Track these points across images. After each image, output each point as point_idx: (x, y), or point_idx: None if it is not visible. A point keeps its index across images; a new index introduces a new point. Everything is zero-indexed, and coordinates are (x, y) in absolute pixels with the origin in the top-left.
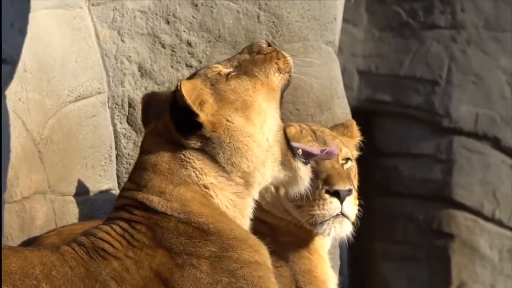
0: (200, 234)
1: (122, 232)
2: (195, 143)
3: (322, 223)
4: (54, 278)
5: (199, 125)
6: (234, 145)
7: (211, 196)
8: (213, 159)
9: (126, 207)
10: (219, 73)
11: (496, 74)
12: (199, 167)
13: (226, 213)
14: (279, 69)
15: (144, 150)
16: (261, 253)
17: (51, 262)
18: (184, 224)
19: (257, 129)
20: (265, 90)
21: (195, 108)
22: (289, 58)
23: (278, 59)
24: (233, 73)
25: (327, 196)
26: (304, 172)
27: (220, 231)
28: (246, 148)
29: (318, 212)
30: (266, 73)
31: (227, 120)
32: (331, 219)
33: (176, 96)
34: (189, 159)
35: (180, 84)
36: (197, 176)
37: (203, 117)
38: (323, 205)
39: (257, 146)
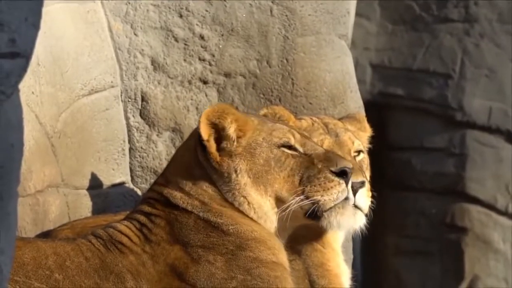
0: (218, 234)
1: (140, 226)
2: (202, 159)
3: None
4: (67, 269)
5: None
6: (231, 192)
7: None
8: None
9: (150, 201)
10: (284, 133)
11: (510, 68)
12: (205, 182)
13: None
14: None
15: (187, 137)
16: (280, 255)
17: (66, 253)
18: (203, 222)
19: (260, 198)
20: (291, 185)
21: (205, 138)
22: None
23: (328, 195)
24: (289, 147)
25: None
26: (333, 217)
27: (240, 232)
28: (241, 201)
29: None
30: (307, 182)
31: (235, 171)
32: None
33: (199, 121)
34: (201, 168)
35: (203, 113)
36: (208, 185)
37: (211, 149)
38: None
39: (250, 208)
